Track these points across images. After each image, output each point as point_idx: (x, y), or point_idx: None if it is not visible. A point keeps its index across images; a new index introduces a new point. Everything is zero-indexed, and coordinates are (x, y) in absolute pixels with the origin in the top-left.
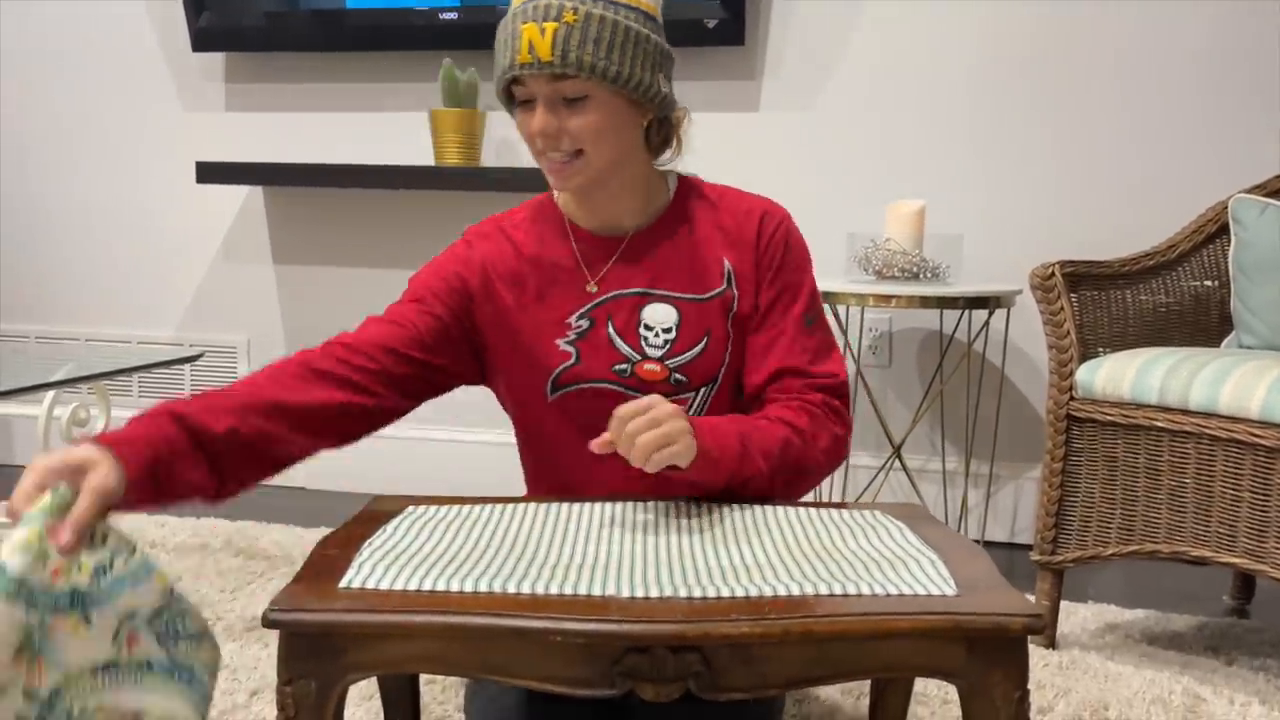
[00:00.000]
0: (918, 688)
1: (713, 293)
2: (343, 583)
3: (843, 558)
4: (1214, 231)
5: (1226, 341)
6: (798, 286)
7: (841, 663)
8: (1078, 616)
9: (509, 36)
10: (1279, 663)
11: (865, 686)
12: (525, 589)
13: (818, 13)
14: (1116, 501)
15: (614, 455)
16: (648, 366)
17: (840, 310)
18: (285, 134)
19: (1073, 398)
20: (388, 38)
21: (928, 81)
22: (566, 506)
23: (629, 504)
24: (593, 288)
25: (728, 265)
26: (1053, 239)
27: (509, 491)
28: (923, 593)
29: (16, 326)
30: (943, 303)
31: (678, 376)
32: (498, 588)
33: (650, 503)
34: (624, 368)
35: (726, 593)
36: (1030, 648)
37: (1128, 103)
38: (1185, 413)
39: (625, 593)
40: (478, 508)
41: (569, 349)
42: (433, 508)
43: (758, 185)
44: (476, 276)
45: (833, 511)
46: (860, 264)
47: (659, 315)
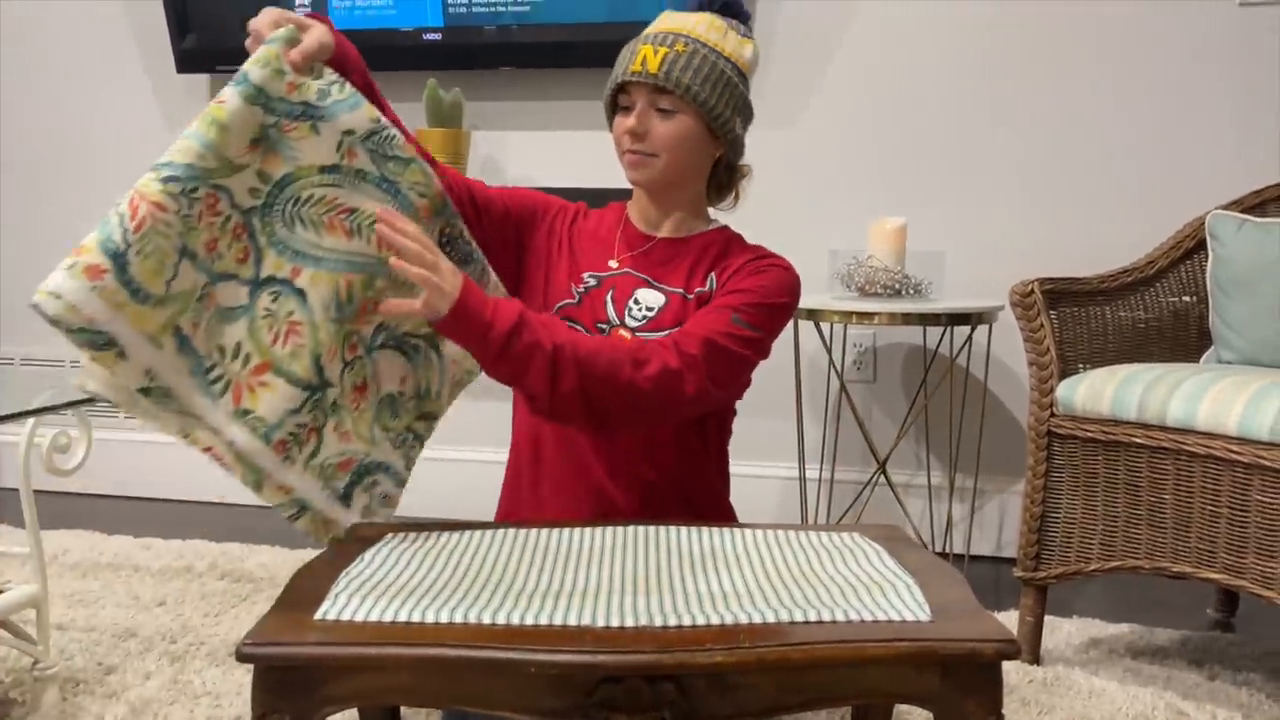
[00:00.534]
0: (900, 708)
1: (697, 291)
2: (318, 614)
3: (819, 582)
4: (1192, 247)
5: (1206, 356)
6: (745, 292)
7: (818, 690)
8: (1062, 632)
9: (629, 53)
10: (1262, 676)
11: (847, 711)
12: (500, 619)
13: (799, 32)
14: (1098, 518)
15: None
16: (621, 332)
17: (824, 327)
18: None
19: (1053, 414)
20: (372, 58)
21: (909, 100)
22: (545, 533)
23: (607, 530)
24: (614, 264)
25: (713, 277)
26: (1034, 255)
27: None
28: (897, 619)
29: (2, 349)
30: (925, 319)
31: None
32: (473, 618)
33: (629, 528)
34: (604, 326)
35: (702, 621)
36: (1015, 664)
37: (1107, 121)
38: (1163, 429)
39: (600, 621)
40: (455, 535)
41: (575, 294)
42: (410, 535)
43: (740, 202)
44: (550, 213)
45: (810, 534)
46: (843, 281)
47: (649, 298)
